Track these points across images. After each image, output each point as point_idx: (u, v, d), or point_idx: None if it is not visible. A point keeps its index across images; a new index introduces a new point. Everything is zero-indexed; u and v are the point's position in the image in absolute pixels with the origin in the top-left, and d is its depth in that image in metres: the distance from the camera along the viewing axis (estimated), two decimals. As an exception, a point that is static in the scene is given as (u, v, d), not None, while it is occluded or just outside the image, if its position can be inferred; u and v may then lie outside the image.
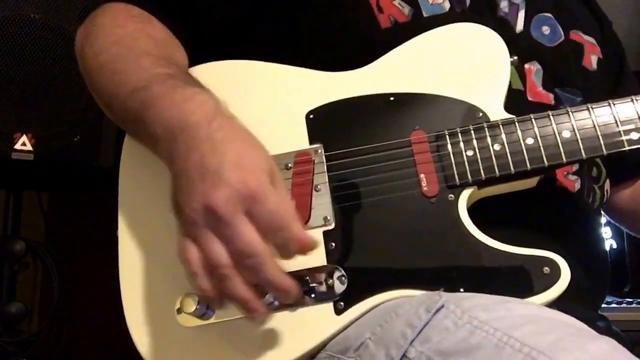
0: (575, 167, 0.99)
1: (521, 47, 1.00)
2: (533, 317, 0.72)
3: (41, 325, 1.97)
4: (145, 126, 0.83)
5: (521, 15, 1.04)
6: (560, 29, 1.07)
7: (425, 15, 1.00)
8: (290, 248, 0.73)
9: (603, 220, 1.97)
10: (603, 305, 1.03)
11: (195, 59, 0.99)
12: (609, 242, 1.86)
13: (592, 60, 1.09)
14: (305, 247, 0.74)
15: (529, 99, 0.99)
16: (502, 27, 1.00)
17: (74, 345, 2.02)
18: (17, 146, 1.69)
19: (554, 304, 0.79)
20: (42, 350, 1.92)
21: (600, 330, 0.71)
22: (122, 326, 0.88)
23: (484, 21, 0.95)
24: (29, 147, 1.69)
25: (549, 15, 1.07)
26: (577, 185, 0.98)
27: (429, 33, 0.95)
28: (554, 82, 1.01)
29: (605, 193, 1.07)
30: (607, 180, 1.08)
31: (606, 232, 1.85)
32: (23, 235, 1.92)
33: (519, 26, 1.04)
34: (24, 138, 1.69)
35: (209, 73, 0.95)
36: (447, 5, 1.01)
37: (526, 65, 1.00)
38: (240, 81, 0.96)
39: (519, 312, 0.73)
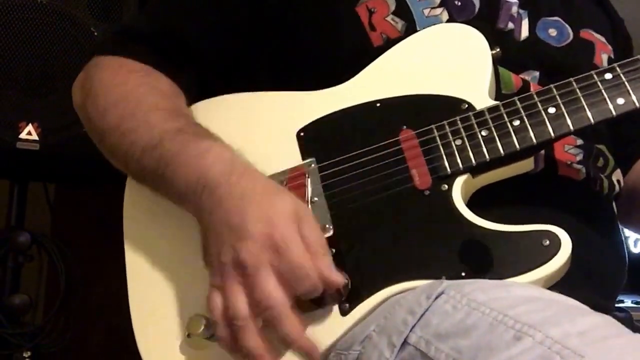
0: (579, 157, 0.97)
1: (522, 57, 1.00)
2: (531, 297, 0.72)
3: (46, 318, 1.94)
4: (165, 184, 0.86)
5: (525, 23, 1.03)
6: (569, 29, 1.06)
7: (418, 29, 0.99)
8: (314, 295, 0.78)
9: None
10: (631, 306, 1.00)
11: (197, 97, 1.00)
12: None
13: (602, 58, 1.08)
14: (334, 289, 0.78)
15: None
16: (503, 36, 1.00)
17: (78, 338, 1.99)
18: (23, 135, 1.65)
19: (567, 291, 0.76)
20: (46, 343, 1.89)
21: (620, 320, 0.69)
22: (128, 320, 0.88)
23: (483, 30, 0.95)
24: (34, 137, 1.66)
25: (556, 18, 1.07)
26: (583, 173, 0.97)
27: (407, 40, 0.96)
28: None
29: (616, 184, 1.05)
30: (618, 171, 1.06)
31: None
32: (28, 227, 1.88)
33: (524, 33, 1.03)
34: (29, 127, 1.65)
35: (197, 113, 0.96)
36: (445, 17, 1.00)
37: (521, 76, 0.99)
38: (231, 115, 0.98)
39: (518, 293, 0.73)
